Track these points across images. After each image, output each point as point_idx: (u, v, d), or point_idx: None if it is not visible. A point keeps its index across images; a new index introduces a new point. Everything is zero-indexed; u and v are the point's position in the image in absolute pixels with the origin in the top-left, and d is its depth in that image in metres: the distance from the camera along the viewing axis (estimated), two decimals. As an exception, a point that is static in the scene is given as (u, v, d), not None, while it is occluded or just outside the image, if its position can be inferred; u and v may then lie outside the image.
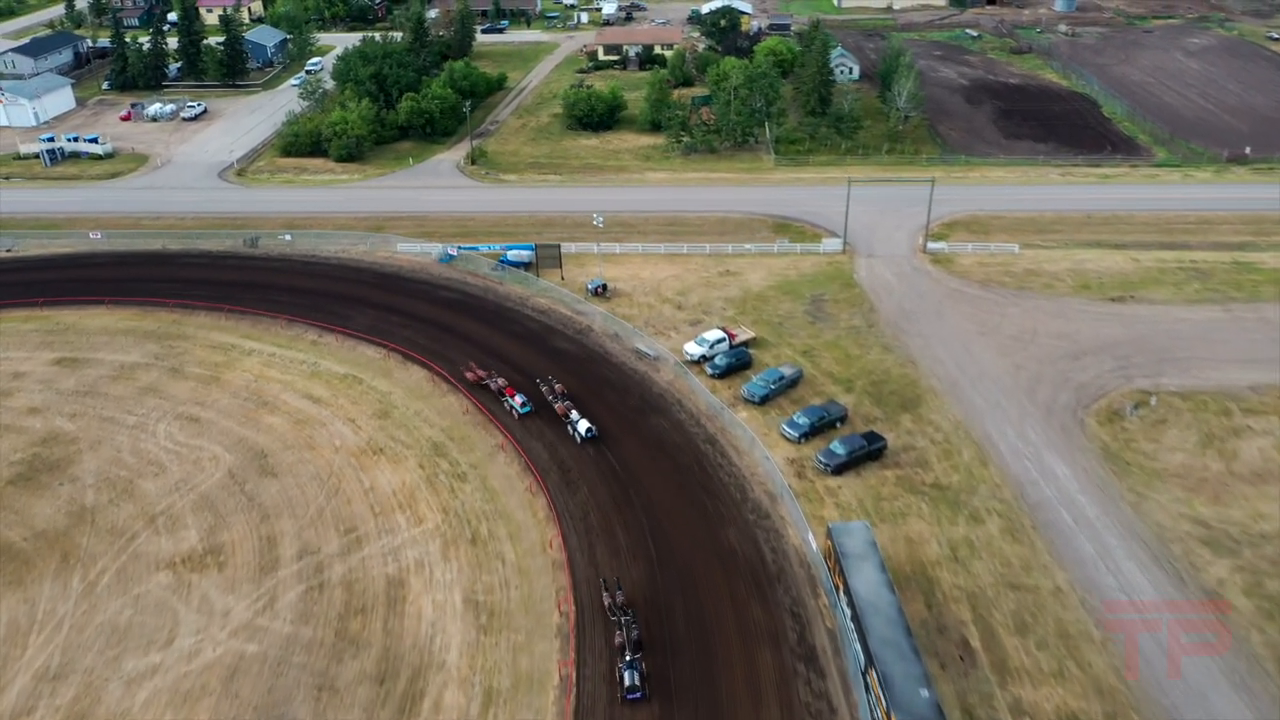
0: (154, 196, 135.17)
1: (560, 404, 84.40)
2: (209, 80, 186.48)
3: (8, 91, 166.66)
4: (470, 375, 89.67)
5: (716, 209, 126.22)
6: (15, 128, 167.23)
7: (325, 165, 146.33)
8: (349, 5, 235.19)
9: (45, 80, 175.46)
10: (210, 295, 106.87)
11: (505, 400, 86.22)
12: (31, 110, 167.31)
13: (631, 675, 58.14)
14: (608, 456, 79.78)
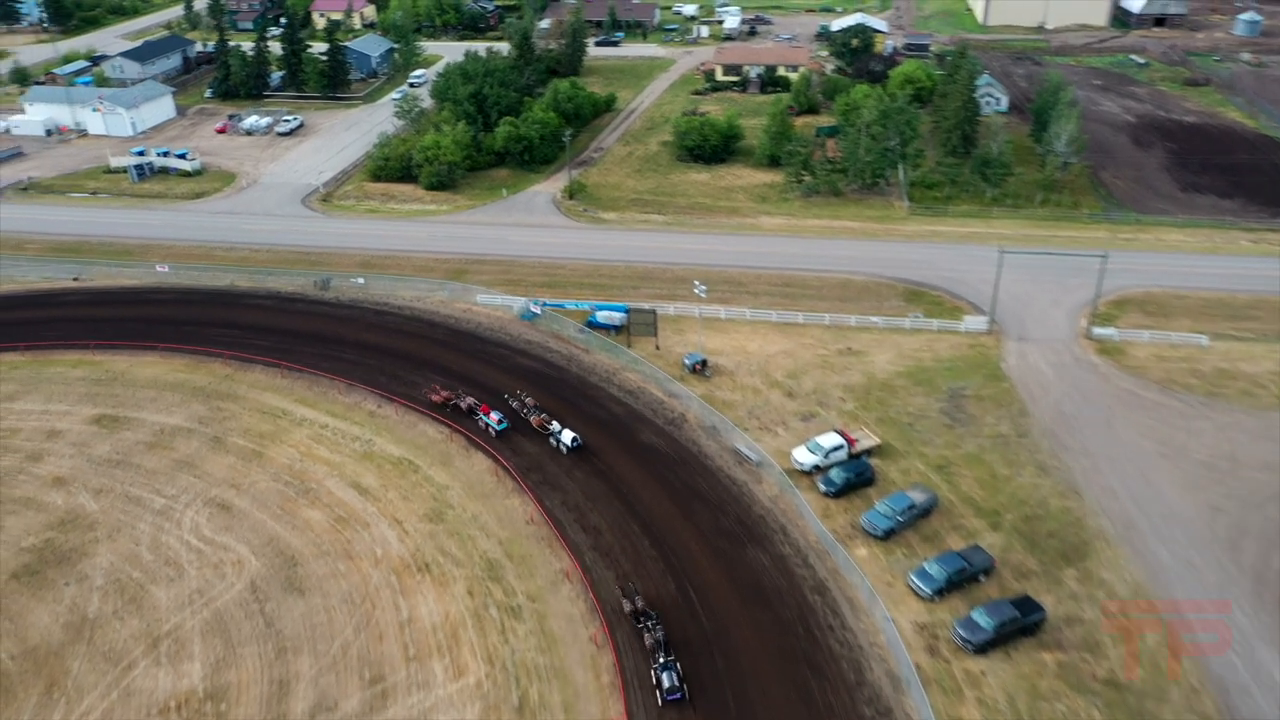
0: (232, 224, 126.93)
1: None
2: (310, 91, 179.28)
3: (107, 100, 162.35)
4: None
5: (838, 267, 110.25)
6: (113, 137, 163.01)
7: (414, 193, 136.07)
8: (460, 13, 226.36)
9: (145, 89, 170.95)
10: (270, 346, 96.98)
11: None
12: (129, 120, 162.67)
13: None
14: (692, 599, 65.54)
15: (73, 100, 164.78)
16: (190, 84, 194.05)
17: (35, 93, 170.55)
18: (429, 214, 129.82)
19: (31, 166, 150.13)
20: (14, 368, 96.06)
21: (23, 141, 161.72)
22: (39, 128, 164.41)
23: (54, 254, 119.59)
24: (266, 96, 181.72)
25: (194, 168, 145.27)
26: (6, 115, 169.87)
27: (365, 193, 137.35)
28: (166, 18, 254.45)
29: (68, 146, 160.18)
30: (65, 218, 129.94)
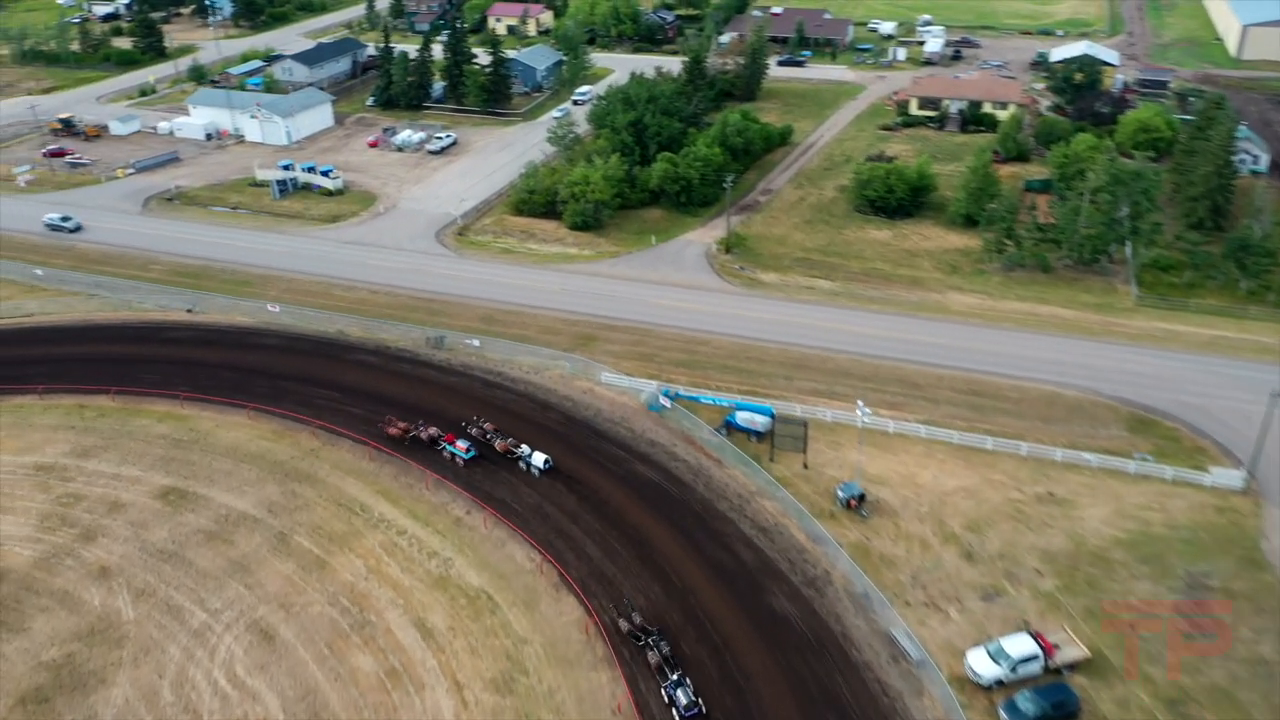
0: (358, 257, 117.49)
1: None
2: (470, 105, 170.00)
3: (264, 107, 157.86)
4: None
5: (1042, 374, 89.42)
6: (268, 145, 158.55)
7: (556, 232, 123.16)
8: (637, 24, 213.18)
9: (304, 96, 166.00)
10: (365, 415, 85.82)
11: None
12: (284, 129, 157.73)
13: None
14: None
15: (233, 105, 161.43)
16: (355, 90, 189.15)
17: (199, 95, 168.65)
18: (568, 259, 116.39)
19: (183, 174, 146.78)
20: (101, 415, 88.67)
21: (183, 145, 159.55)
22: (200, 131, 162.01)
23: (177, 278, 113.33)
24: (426, 108, 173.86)
25: (335, 186, 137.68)
26: (172, 117, 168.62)
27: (505, 227, 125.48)
28: (350, 16, 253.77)
29: (223, 153, 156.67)
30: (197, 236, 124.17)
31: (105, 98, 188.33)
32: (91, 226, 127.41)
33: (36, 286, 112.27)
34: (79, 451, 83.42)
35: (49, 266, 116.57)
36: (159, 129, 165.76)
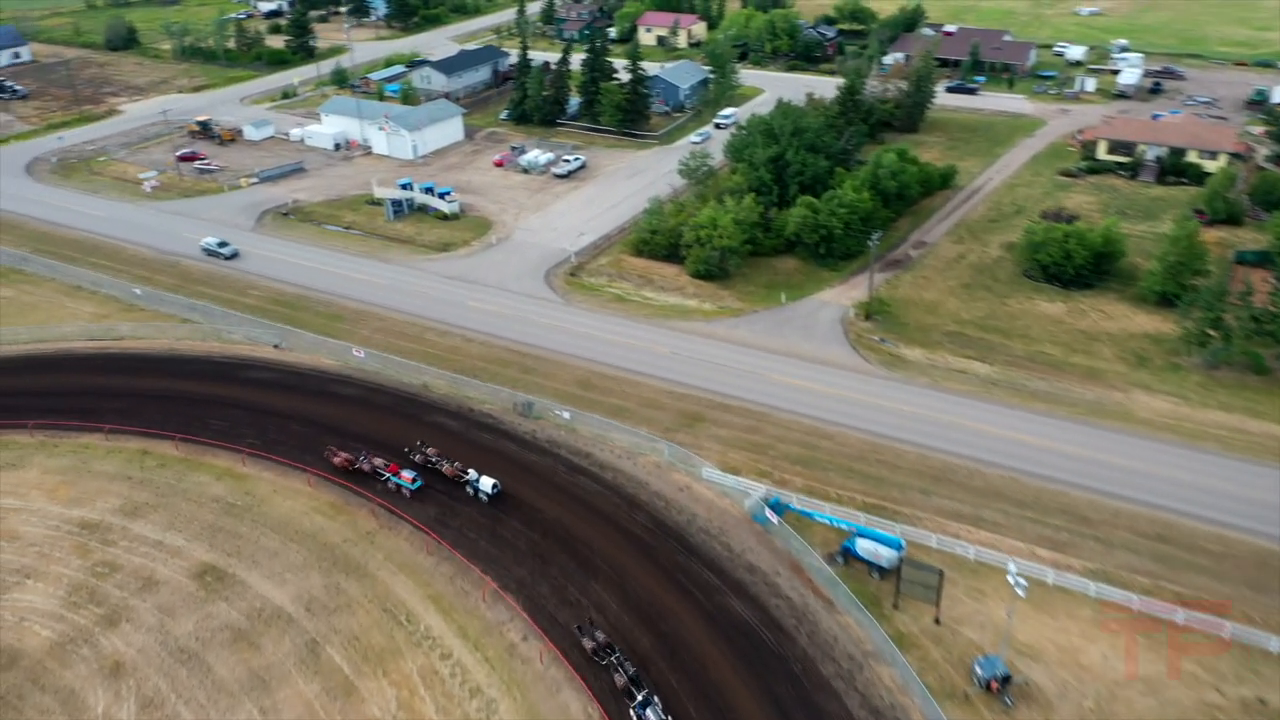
0: (459, 296, 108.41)
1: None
2: (605, 124, 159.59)
3: (392, 119, 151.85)
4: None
5: (1254, 520, 71.28)
6: (394, 159, 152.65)
7: (677, 279, 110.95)
8: (794, 40, 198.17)
9: (434, 109, 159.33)
10: (432, 496, 76.04)
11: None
12: (411, 142, 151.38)
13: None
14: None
15: (363, 115, 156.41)
16: (492, 101, 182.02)
17: (331, 103, 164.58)
18: (684, 313, 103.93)
19: (304, 186, 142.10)
20: (162, 465, 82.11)
21: (310, 155, 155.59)
22: (329, 141, 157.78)
23: (271, 308, 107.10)
24: (560, 125, 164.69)
25: (451, 210, 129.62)
26: (304, 124, 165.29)
27: (621, 270, 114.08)
28: (501, 20, 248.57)
29: (348, 165, 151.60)
30: (301, 259, 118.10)
31: (248, 99, 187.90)
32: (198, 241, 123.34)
33: (134, 306, 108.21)
34: (129, 509, 76.78)
35: (152, 285, 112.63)
36: (291, 136, 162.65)
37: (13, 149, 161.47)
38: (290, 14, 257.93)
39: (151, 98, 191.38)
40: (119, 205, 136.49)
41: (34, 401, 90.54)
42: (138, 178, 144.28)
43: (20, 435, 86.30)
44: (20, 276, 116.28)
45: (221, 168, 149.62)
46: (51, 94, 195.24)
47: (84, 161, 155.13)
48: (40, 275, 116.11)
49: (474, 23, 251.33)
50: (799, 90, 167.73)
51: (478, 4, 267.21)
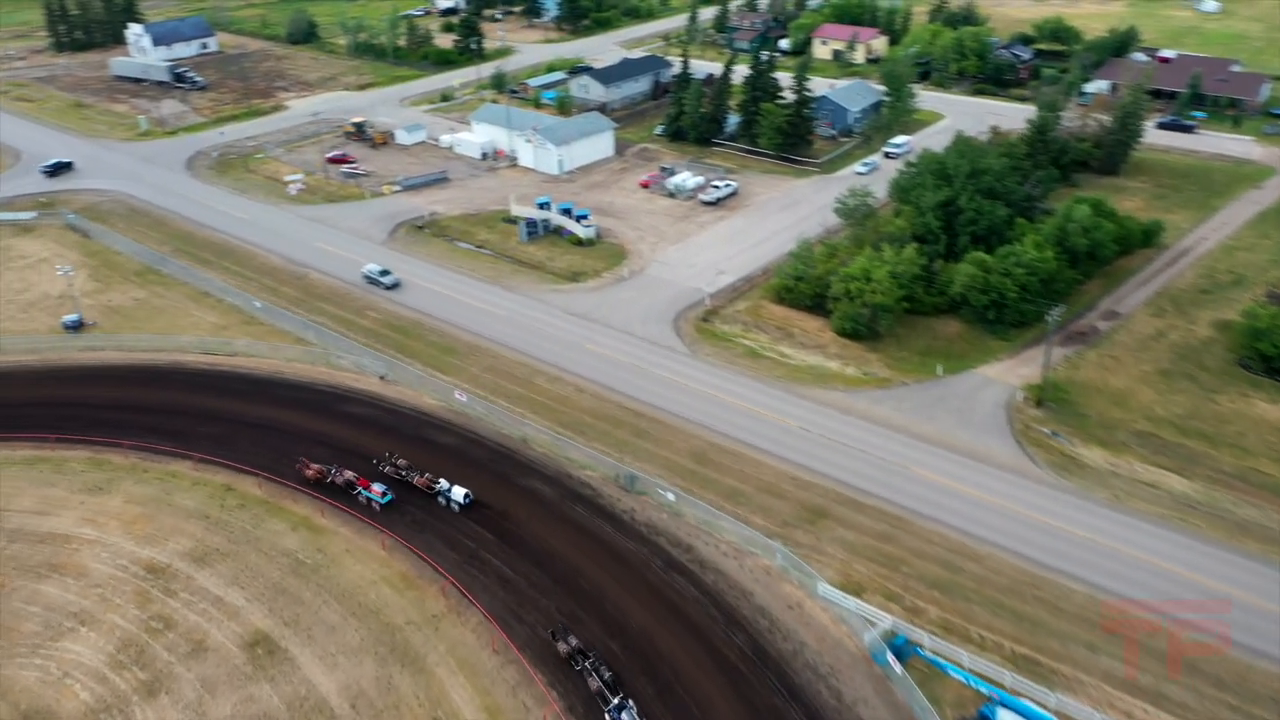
0: (578, 336, 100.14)
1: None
2: (763, 147, 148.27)
3: (540, 133, 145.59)
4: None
5: None
6: (539, 173, 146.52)
7: (820, 334, 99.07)
8: (984, 61, 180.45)
9: (584, 122, 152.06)
10: (508, 577, 68.34)
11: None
12: (556, 157, 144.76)
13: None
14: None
15: (512, 125, 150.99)
16: (649, 114, 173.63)
17: (483, 111, 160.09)
18: (823, 378, 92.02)
19: (444, 198, 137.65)
20: (242, 505, 77.51)
21: (456, 163, 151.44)
22: (476, 150, 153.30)
23: (385, 333, 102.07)
24: (715, 145, 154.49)
25: (586, 235, 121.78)
26: (455, 131, 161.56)
27: (759, 318, 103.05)
28: (672, 26, 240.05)
29: (492, 177, 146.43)
30: (425, 280, 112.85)
31: (408, 100, 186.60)
32: (332, 255, 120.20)
33: (254, 319, 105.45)
34: (198, 554, 72.20)
35: (276, 296, 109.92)
36: (441, 142, 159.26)
37: (181, 142, 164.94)
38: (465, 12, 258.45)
39: (318, 94, 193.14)
40: (262, 208, 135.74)
41: (136, 418, 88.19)
42: (284, 179, 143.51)
43: (116, 455, 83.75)
44: (156, 278, 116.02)
45: (368, 173, 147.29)
46: (228, 86, 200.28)
47: (242, 159, 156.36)
48: (174, 278, 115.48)
49: (645, 28, 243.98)
50: (984, 118, 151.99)
51: (651, 8, 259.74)
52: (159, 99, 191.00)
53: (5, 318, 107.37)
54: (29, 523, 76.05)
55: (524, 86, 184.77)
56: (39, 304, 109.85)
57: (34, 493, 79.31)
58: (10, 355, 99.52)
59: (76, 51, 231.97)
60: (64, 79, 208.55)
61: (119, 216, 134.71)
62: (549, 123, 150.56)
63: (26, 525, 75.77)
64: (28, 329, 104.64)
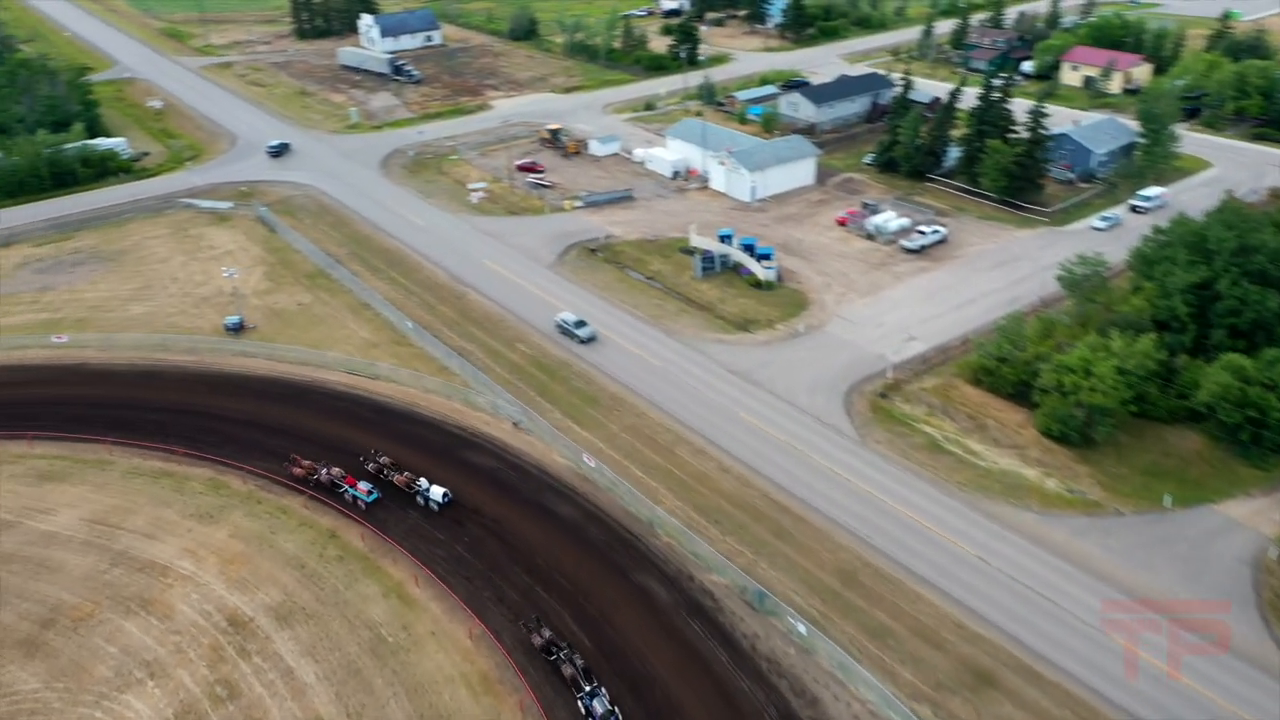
0: (734, 403, 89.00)
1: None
2: (984, 188, 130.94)
3: (734, 155, 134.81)
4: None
5: None
6: (730, 198, 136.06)
7: (1020, 431, 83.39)
8: (1270, 100, 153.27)
9: (783, 147, 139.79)
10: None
11: None
12: (749, 183, 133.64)
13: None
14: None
15: (707, 144, 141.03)
16: (861, 139, 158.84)
17: (679, 126, 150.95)
18: (1015, 490, 76.61)
19: (625, 219, 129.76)
20: (342, 557, 72.21)
21: (645, 181, 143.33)
22: (668, 167, 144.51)
23: (530, 370, 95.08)
24: (930, 180, 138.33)
25: (766, 278, 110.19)
26: (649, 146, 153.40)
27: (949, 400, 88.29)
28: (902, 39, 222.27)
29: (680, 199, 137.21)
30: (585, 313, 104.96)
31: (611, 106, 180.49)
32: (496, 275, 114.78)
33: (403, 340, 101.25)
34: (284, 611, 67.19)
35: (431, 316, 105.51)
36: (633, 156, 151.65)
37: (382, 138, 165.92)
38: (687, 14, 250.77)
39: (525, 95, 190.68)
40: (441, 215, 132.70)
41: (265, 439, 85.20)
42: (468, 186, 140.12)
43: (235, 479, 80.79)
44: (324, 282, 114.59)
45: (553, 184, 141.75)
46: (442, 81, 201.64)
47: (436, 159, 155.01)
48: (340, 284, 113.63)
49: (873, 40, 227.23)
50: (1262, 173, 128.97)
51: (883, 18, 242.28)
52: (375, 91, 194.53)
53: (178, 312, 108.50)
54: (135, 545, 73.80)
55: (730, 100, 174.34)
56: (212, 300, 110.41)
57: (150, 511, 77.26)
58: (172, 354, 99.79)
59: (316, 39, 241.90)
60: (296, 65, 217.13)
61: (307, 213, 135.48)
62: (745, 145, 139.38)
63: (133, 548, 73.54)
64: (195, 327, 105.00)
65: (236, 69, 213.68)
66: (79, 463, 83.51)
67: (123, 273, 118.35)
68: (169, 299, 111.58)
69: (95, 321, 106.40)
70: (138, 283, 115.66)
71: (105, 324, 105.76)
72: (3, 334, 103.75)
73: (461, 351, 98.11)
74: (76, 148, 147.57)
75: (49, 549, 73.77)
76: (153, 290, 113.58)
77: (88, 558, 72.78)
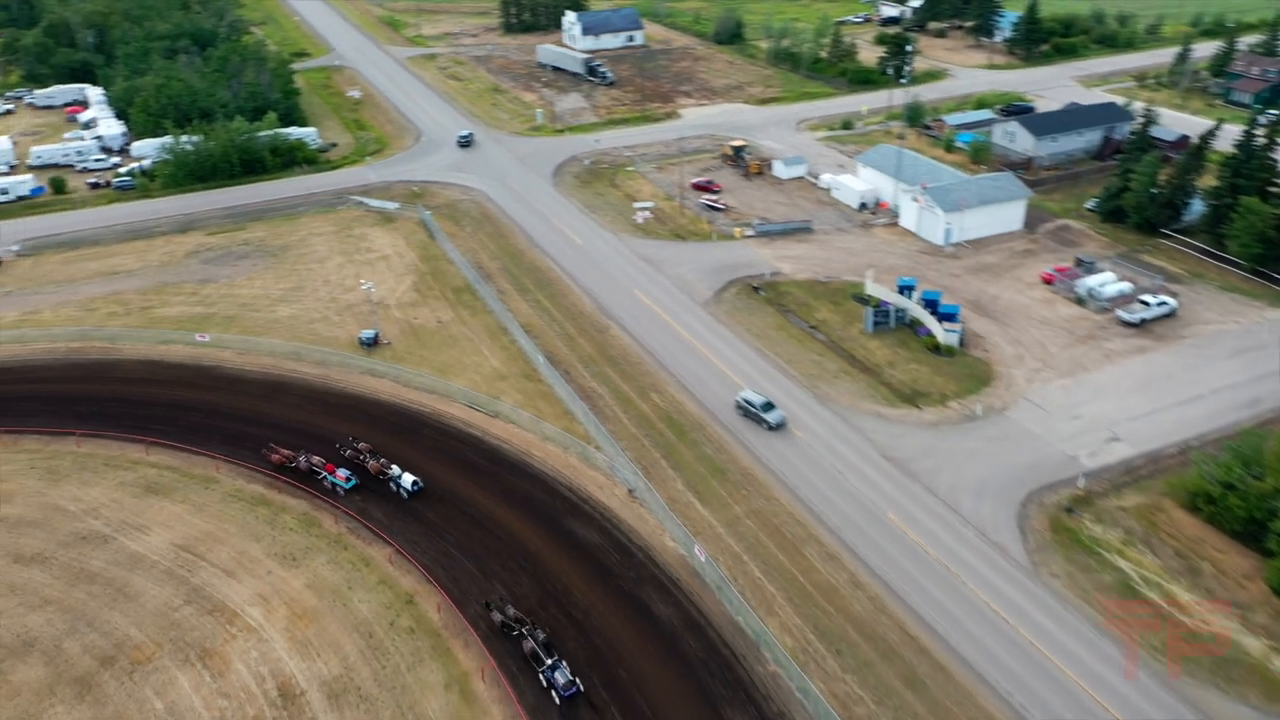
0: (884, 497, 75.94)
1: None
2: (1232, 254, 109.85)
3: (929, 193, 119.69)
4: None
5: None
6: (920, 239, 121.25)
7: (1245, 584, 66.42)
8: None
9: (988, 186, 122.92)
10: None
11: None
12: (944, 225, 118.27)
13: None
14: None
15: (901, 175, 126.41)
16: (1087, 179, 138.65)
17: (873, 153, 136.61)
18: (1229, 672, 60.13)
19: (797, 254, 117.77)
20: (412, 631, 65.57)
21: (829, 210, 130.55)
22: (855, 197, 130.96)
23: (658, 426, 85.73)
24: (1165, 237, 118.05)
25: (947, 342, 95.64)
26: (839, 172, 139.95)
27: (1152, 529, 71.81)
28: (1152, 61, 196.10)
29: (864, 235, 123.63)
30: (732, 363, 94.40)
31: (805, 123, 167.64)
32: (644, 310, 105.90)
33: (533, 375, 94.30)
34: (338, 689, 61.04)
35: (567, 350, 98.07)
36: (820, 181, 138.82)
37: (562, 142, 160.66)
38: (906, 24, 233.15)
39: (718, 104, 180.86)
40: (600, 234, 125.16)
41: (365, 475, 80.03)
42: (634, 204, 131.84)
43: (329, 518, 75.98)
44: (469, 299, 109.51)
45: (726, 207, 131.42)
46: (635, 84, 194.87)
47: (611, 170, 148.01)
48: (484, 303, 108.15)
49: (1116, 61, 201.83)
50: None
51: (1132, 36, 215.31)
52: (566, 92, 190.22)
53: (320, 318, 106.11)
54: (212, 582, 69.94)
55: (938, 123, 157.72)
56: (355, 308, 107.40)
57: (237, 545, 73.42)
58: (303, 365, 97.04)
59: (521, 33, 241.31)
60: (496, 60, 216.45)
61: (470, 219, 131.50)
62: (945, 179, 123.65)
63: (209, 585, 69.71)
64: (332, 336, 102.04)
65: (439, 61, 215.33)
66: (186, 477, 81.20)
67: (280, 270, 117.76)
68: (316, 303, 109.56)
69: (241, 321, 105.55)
70: (291, 282, 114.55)
71: (250, 324, 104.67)
72: (157, 326, 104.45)
73: (590, 395, 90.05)
74: (268, 136, 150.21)
75: (132, 572, 71.15)
76: (303, 292, 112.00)
77: (165, 589, 69.50)
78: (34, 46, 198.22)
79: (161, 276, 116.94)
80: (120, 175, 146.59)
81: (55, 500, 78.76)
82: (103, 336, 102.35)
